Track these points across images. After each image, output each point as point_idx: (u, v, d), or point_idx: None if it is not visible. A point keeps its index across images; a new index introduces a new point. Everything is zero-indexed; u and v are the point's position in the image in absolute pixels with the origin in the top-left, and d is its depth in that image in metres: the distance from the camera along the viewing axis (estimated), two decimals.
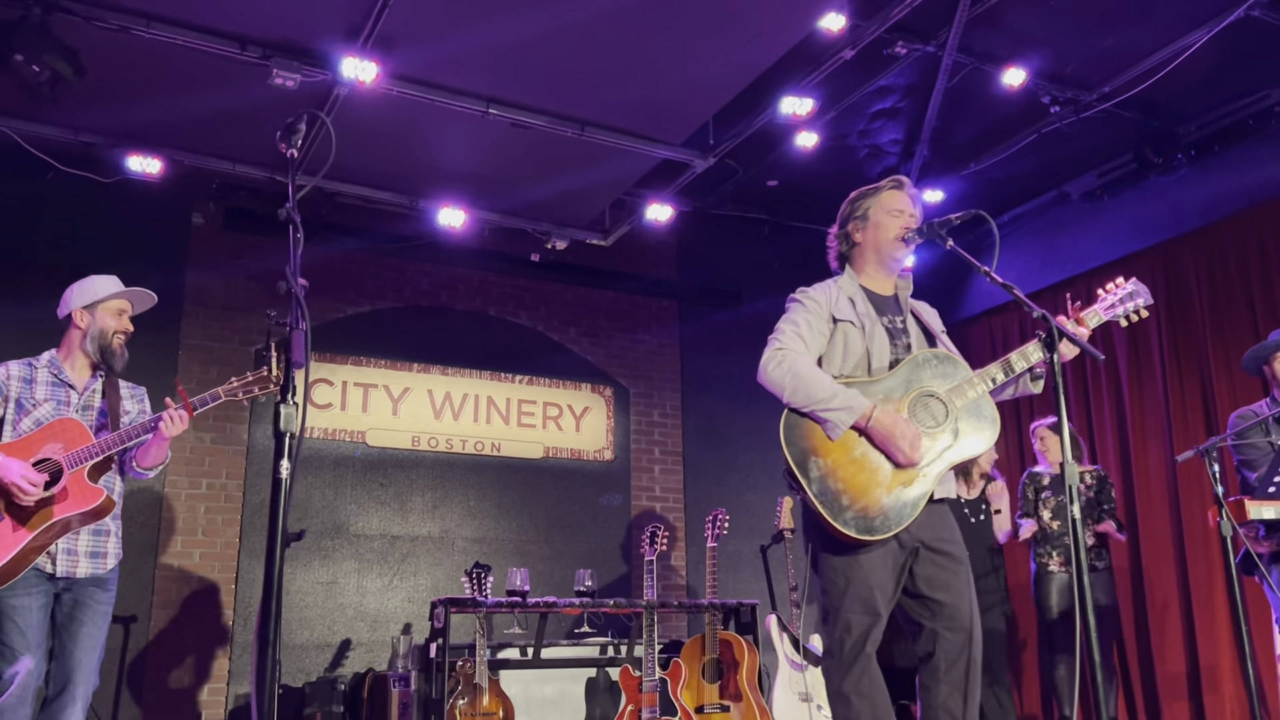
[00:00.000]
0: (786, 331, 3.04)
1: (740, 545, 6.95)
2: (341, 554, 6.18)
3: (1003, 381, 3.01)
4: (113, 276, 3.61)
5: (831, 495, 2.84)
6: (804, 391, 2.90)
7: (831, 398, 2.88)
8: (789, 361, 2.95)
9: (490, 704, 4.59)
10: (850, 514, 2.83)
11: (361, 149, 5.60)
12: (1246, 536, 3.74)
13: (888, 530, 2.84)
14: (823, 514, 2.83)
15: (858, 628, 2.90)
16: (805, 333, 3.03)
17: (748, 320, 7.46)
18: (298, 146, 2.70)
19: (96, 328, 3.49)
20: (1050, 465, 5.62)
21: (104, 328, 3.50)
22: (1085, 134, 6.09)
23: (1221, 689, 5.93)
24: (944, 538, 2.99)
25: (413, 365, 6.65)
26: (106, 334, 3.49)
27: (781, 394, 2.94)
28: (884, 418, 2.86)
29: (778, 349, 3.00)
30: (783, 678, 4.87)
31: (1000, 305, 7.62)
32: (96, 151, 5.59)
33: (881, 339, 3.06)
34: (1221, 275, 6.25)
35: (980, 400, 2.97)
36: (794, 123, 5.65)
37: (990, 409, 2.99)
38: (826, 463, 2.88)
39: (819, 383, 2.91)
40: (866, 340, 3.04)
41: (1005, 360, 3.00)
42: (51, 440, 3.25)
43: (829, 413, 2.88)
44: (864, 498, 2.85)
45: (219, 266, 6.22)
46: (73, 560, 3.31)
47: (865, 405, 2.87)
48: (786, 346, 3.00)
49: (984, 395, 2.98)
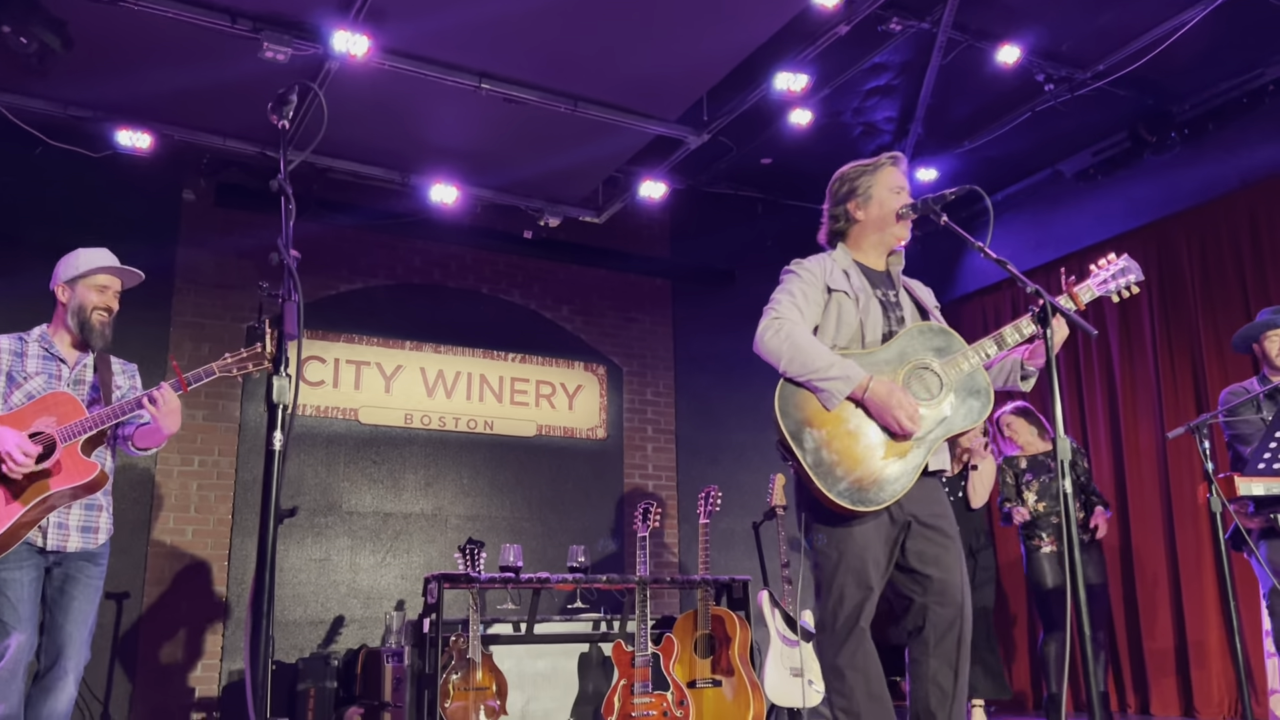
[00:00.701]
0: (783, 301, 3.01)
1: (733, 523, 6.98)
2: (335, 531, 6.19)
3: (996, 355, 2.99)
4: (102, 250, 3.55)
5: (826, 466, 2.84)
6: (801, 360, 2.89)
7: (829, 367, 2.86)
8: (786, 330, 2.93)
9: (483, 679, 4.61)
10: (844, 485, 2.83)
11: (353, 124, 5.56)
12: (1236, 513, 3.76)
13: (880, 502, 2.84)
14: (816, 484, 2.82)
15: (851, 601, 2.89)
16: (801, 303, 3.01)
17: (741, 299, 7.42)
18: (289, 118, 2.68)
19: (76, 302, 3.45)
20: (1021, 449, 5.60)
21: (83, 303, 3.45)
22: (1079, 112, 6.08)
23: (1209, 665, 5.98)
24: (936, 512, 2.99)
25: (405, 343, 6.64)
26: (85, 310, 3.44)
27: (778, 363, 2.92)
28: (880, 388, 2.85)
29: (774, 318, 2.97)
30: (774, 653, 4.90)
31: (993, 284, 7.63)
32: (86, 126, 5.54)
33: (876, 311, 3.06)
34: (1214, 254, 6.26)
35: (974, 374, 2.97)
36: (788, 99, 5.63)
37: (985, 383, 2.98)
38: (821, 433, 2.87)
39: (816, 352, 2.90)
40: (861, 312, 3.04)
41: (999, 333, 2.98)
42: (44, 414, 3.24)
43: (826, 382, 2.86)
44: (858, 469, 2.85)
45: (210, 243, 6.19)
46: (64, 534, 3.31)
47: (862, 375, 2.86)
48: (783, 315, 2.97)
49: (978, 369, 2.97)
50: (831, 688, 2.94)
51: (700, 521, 5.19)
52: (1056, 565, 5.37)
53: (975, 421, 2.96)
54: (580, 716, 5.02)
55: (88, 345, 3.47)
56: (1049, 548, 5.36)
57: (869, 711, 2.88)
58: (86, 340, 3.45)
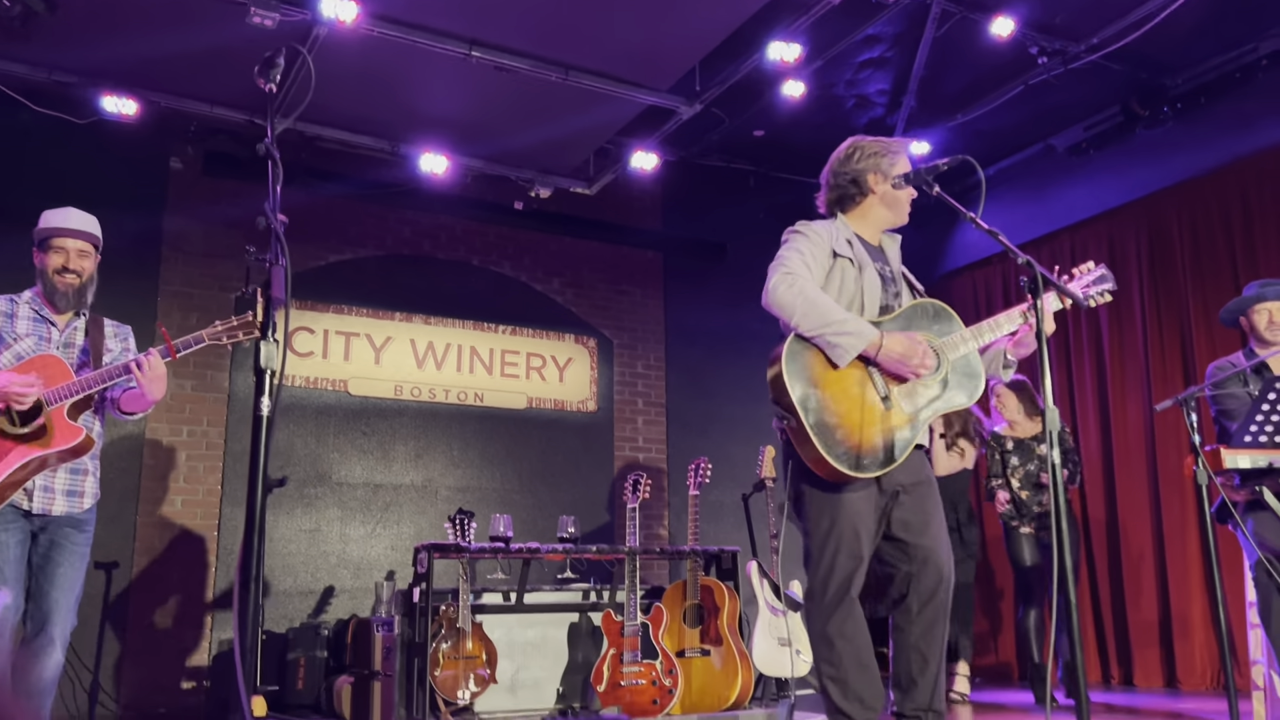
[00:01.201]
0: (793, 258, 2.98)
1: (722, 495, 7.00)
2: (324, 502, 6.19)
3: (990, 340, 3.05)
4: (65, 210, 3.48)
5: (828, 429, 2.83)
6: (816, 314, 2.86)
7: (843, 321, 2.86)
8: (800, 285, 2.90)
9: (473, 647, 4.62)
10: (843, 449, 2.83)
11: (342, 92, 5.51)
12: (1222, 485, 3.78)
13: (877, 469, 2.86)
14: (817, 446, 2.81)
15: (842, 570, 2.91)
16: (810, 262, 2.99)
17: (732, 272, 7.45)
18: (276, 82, 2.66)
19: (40, 265, 3.43)
20: (1006, 424, 5.64)
21: (44, 265, 3.42)
22: (1073, 86, 6.06)
23: (1192, 637, 6.04)
24: (920, 481, 3.02)
25: (395, 314, 6.61)
26: (48, 272, 3.41)
27: (791, 316, 2.89)
28: (895, 341, 2.86)
29: (786, 273, 2.94)
30: (763, 623, 4.93)
31: (983, 259, 7.63)
32: (71, 91, 5.48)
33: (875, 282, 3.07)
34: (1204, 229, 6.27)
35: (970, 356, 3.03)
36: (781, 69, 5.60)
37: (978, 365, 3.05)
38: (826, 396, 2.87)
39: (831, 306, 2.89)
40: (863, 280, 3.05)
41: (994, 319, 3.05)
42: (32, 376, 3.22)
43: (840, 337, 2.85)
44: (858, 434, 2.86)
45: (198, 212, 6.14)
46: (49, 497, 3.30)
47: (875, 333, 2.87)
48: (795, 271, 2.94)
49: (974, 351, 3.03)
50: (820, 656, 2.96)
51: (690, 493, 5.20)
52: (1034, 544, 5.49)
53: (968, 401, 3.02)
54: (569, 685, 5.04)
55: (56, 308, 3.43)
56: (1027, 529, 5.45)
57: (858, 680, 2.91)
58: (54, 304, 3.42)
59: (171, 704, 5.56)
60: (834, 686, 2.92)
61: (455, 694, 4.55)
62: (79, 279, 3.44)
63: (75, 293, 3.44)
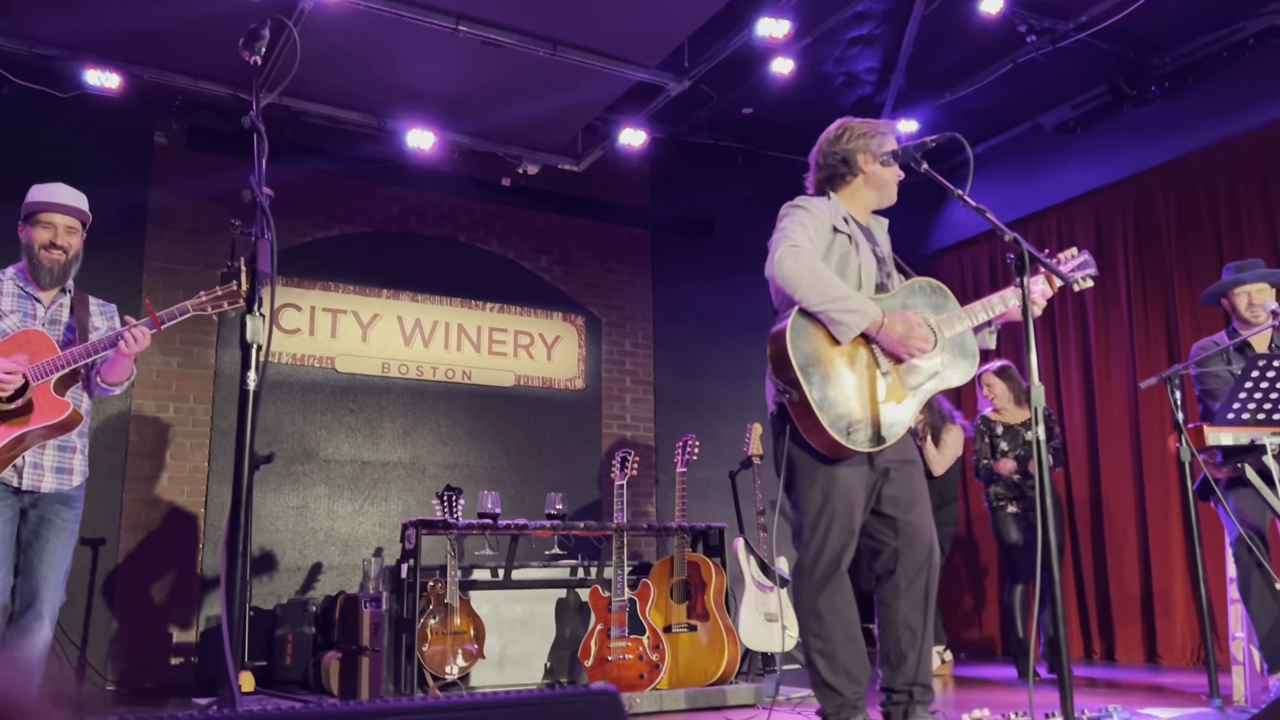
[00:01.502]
0: (796, 231, 2.96)
1: (709, 473, 7.03)
2: (312, 479, 6.18)
3: (985, 320, 3.09)
4: (54, 185, 3.45)
5: (830, 402, 2.86)
6: (821, 289, 2.86)
7: (848, 298, 2.87)
8: (806, 259, 2.89)
9: (461, 623, 4.64)
10: (843, 424, 2.86)
11: (328, 66, 5.46)
12: (1205, 462, 3.82)
13: (877, 444, 2.89)
14: (819, 417, 2.82)
15: (833, 545, 2.93)
16: (813, 235, 2.99)
17: (721, 250, 7.45)
18: (261, 54, 2.64)
19: (26, 240, 3.40)
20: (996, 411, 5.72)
21: (30, 240, 3.39)
22: (1061, 65, 6.06)
23: (1173, 613, 6.12)
24: (908, 459, 3.05)
25: (382, 291, 6.59)
26: (34, 247, 3.38)
27: (796, 290, 2.87)
28: (896, 321, 2.90)
29: (791, 245, 2.91)
30: (749, 598, 4.96)
31: (971, 238, 7.65)
32: (53, 65, 5.42)
33: (870, 260, 3.10)
34: (1190, 208, 6.30)
35: (965, 335, 3.07)
36: (770, 46, 5.58)
37: (973, 345, 3.10)
38: (828, 370, 2.89)
39: (835, 281, 2.90)
40: (860, 257, 3.06)
41: (988, 300, 3.09)
42: (17, 352, 3.20)
43: (845, 313, 2.86)
44: (858, 408, 2.89)
45: (183, 187, 6.10)
46: (39, 474, 3.29)
47: (878, 312, 2.90)
48: (800, 244, 2.92)
49: (969, 330, 3.07)
50: (808, 630, 2.98)
51: (678, 470, 5.22)
52: (1019, 523, 5.60)
53: (964, 380, 3.07)
54: (557, 660, 5.07)
55: (40, 284, 3.41)
56: (1013, 508, 5.55)
57: (845, 654, 2.93)
58: (39, 280, 3.40)
59: (159, 679, 5.57)
60: (821, 660, 2.95)
61: (443, 669, 4.58)
62: (65, 255, 3.42)
63: (60, 269, 3.41)
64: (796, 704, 4.40)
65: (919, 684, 2.98)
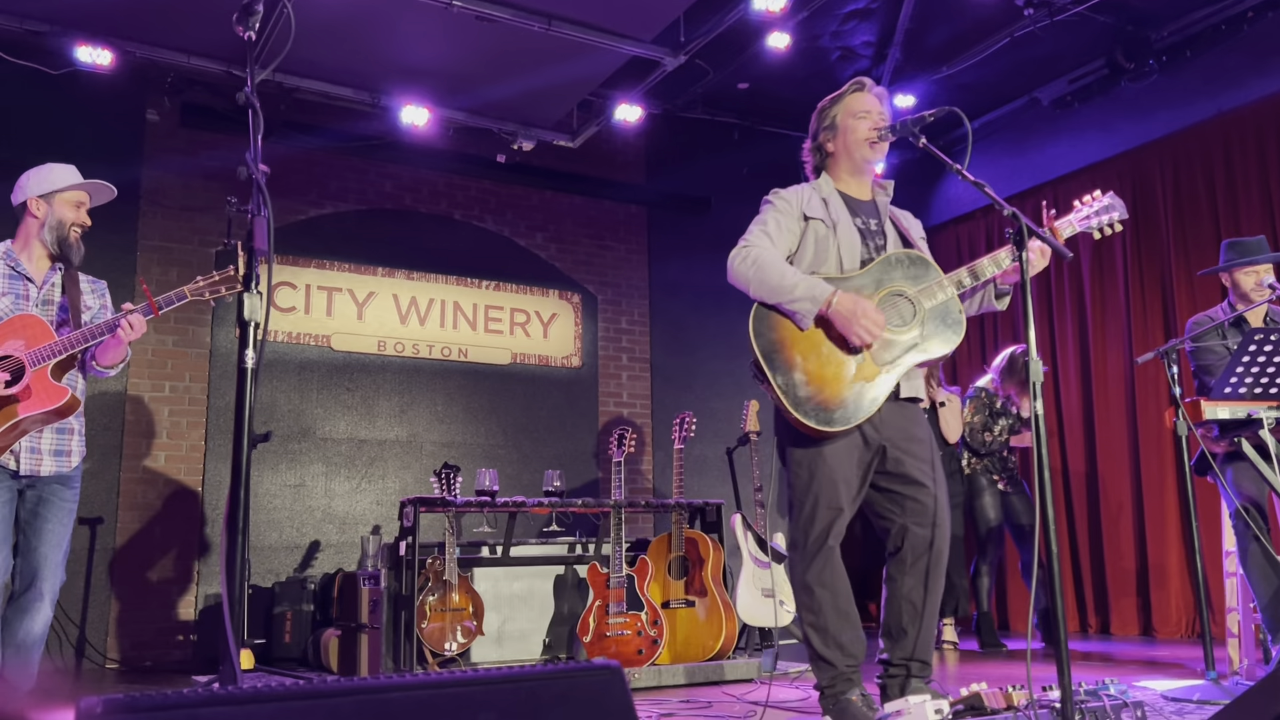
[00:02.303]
0: (754, 231, 3.08)
1: (706, 449, 7.04)
2: (309, 457, 6.18)
3: (971, 285, 3.01)
4: (71, 166, 3.50)
5: (794, 387, 2.89)
6: (768, 284, 2.94)
7: (794, 287, 2.91)
8: (753, 256, 2.99)
9: (460, 600, 4.66)
10: (811, 405, 2.88)
11: (321, 42, 5.42)
12: (1202, 437, 3.83)
13: (847, 423, 2.89)
14: (785, 405, 2.87)
15: (820, 521, 2.97)
16: (773, 230, 3.06)
17: (717, 227, 7.38)
18: (255, 29, 2.61)
19: (54, 218, 3.40)
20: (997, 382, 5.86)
21: (61, 218, 3.40)
22: (1058, 38, 6.03)
23: (1168, 586, 6.15)
24: (913, 435, 3.03)
25: (377, 269, 6.57)
26: (64, 225, 3.40)
27: (747, 288, 2.98)
28: (844, 301, 2.87)
29: (744, 246, 3.04)
30: (746, 574, 4.98)
31: (967, 213, 7.63)
32: (44, 41, 5.37)
33: (852, 238, 3.07)
34: (1187, 182, 6.28)
35: (949, 303, 2.99)
36: (767, 20, 5.54)
37: (958, 313, 3.01)
38: (793, 355, 2.92)
39: (782, 273, 2.94)
40: (837, 239, 3.05)
41: (975, 264, 3.01)
42: (12, 337, 3.19)
43: (793, 303, 2.91)
44: (825, 390, 2.89)
45: (176, 165, 6.06)
46: (36, 458, 3.28)
47: (827, 291, 2.89)
48: (752, 243, 3.03)
49: (953, 298, 3.00)
50: (801, 603, 3.03)
51: (675, 447, 5.23)
52: (998, 503, 5.76)
53: (947, 350, 3.00)
54: (556, 636, 5.10)
55: (65, 261, 3.42)
56: (1001, 485, 5.66)
57: (836, 626, 2.97)
58: (65, 256, 3.41)
59: (159, 658, 5.59)
60: (815, 634, 2.98)
61: (442, 646, 4.59)
62: (81, 233, 3.47)
63: (81, 249, 3.46)
64: (794, 678, 4.42)
65: (917, 659, 2.99)
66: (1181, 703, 3.41)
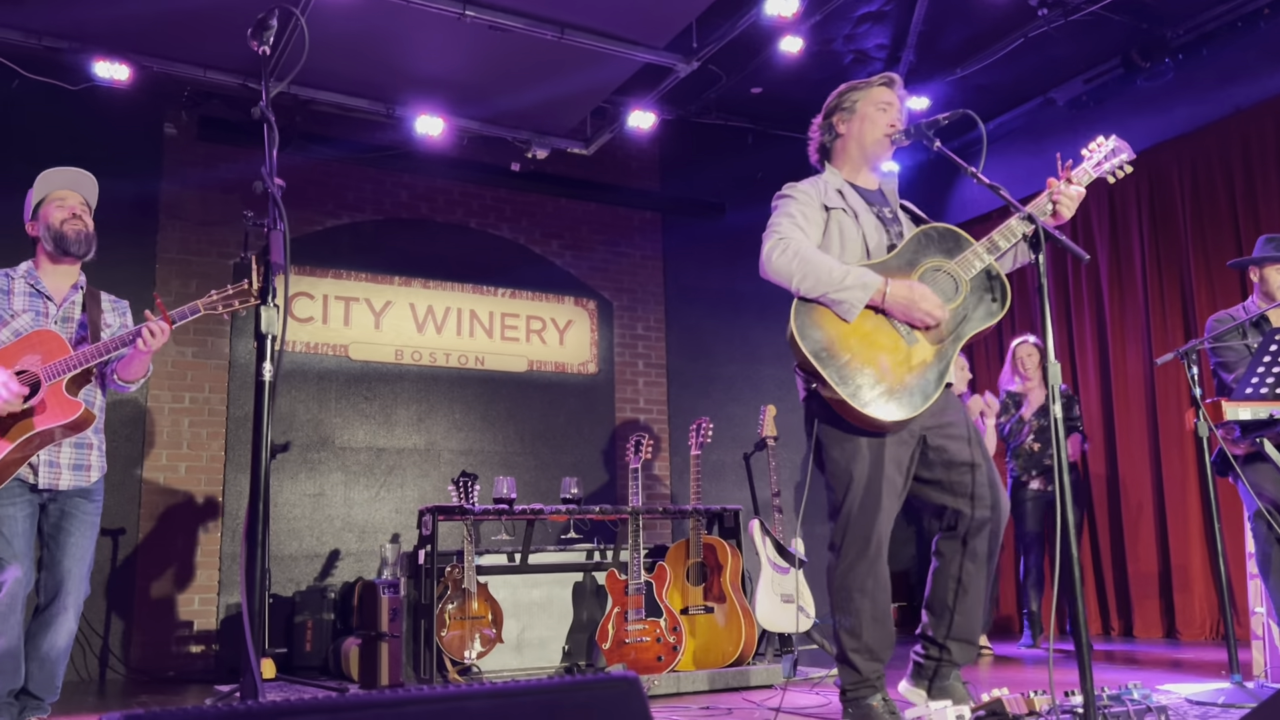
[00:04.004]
0: (783, 223, 2.97)
1: (723, 455, 7.03)
2: (328, 466, 6.21)
3: (1005, 248, 2.94)
4: (59, 169, 3.48)
5: (854, 381, 2.80)
6: (815, 275, 2.84)
7: (844, 276, 2.83)
8: (794, 247, 2.89)
9: (479, 608, 4.67)
10: (875, 394, 2.79)
11: (336, 54, 5.45)
12: (1223, 438, 3.80)
13: (914, 409, 2.80)
14: (847, 401, 2.77)
15: (864, 524, 2.89)
16: (802, 222, 2.98)
17: (731, 231, 7.42)
18: (270, 44, 2.64)
19: (43, 225, 3.42)
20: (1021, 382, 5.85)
21: (49, 221, 3.41)
22: (1073, 38, 6.00)
23: (1192, 588, 6.10)
24: (951, 419, 2.97)
25: (394, 278, 6.60)
26: (54, 225, 3.39)
27: (789, 282, 2.87)
28: (899, 288, 2.83)
29: (779, 238, 2.93)
30: (765, 580, 4.97)
31: (983, 214, 7.59)
32: (63, 57, 5.42)
33: (875, 226, 3.04)
34: (1205, 181, 6.24)
35: (989, 269, 2.94)
36: (779, 25, 5.54)
37: (999, 275, 2.96)
38: (845, 348, 2.83)
39: (829, 264, 2.86)
40: (861, 226, 3.02)
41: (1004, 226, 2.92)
42: (29, 352, 3.22)
43: (843, 292, 2.82)
44: (888, 378, 2.82)
45: (194, 178, 6.11)
46: (55, 472, 3.31)
47: (879, 281, 2.83)
48: (787, 235, 2.93)
49: (990, 264, 2.93)
50: (838, 605, 2.95)
51: (692, 453, 5.22)
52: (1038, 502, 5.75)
53: (995, 317, 2.93)
54: (575, 644, 5.10)
55: (71, 255, 3.40)
56: (1035, 484, 5.66)
57: (872, 635, 2.91)
58: (68, 250, 3.39)
59: (180, 667, 5.63)
60: (847, 637, 2.93)
61: (462, 654, 4.60)
62: (85, 226, 3.44)
63: (86, 237, 3.43)
64: (814, 684, 4.41)
65: (958, 639, 2.94)
66: (1206, 706, 3.37)
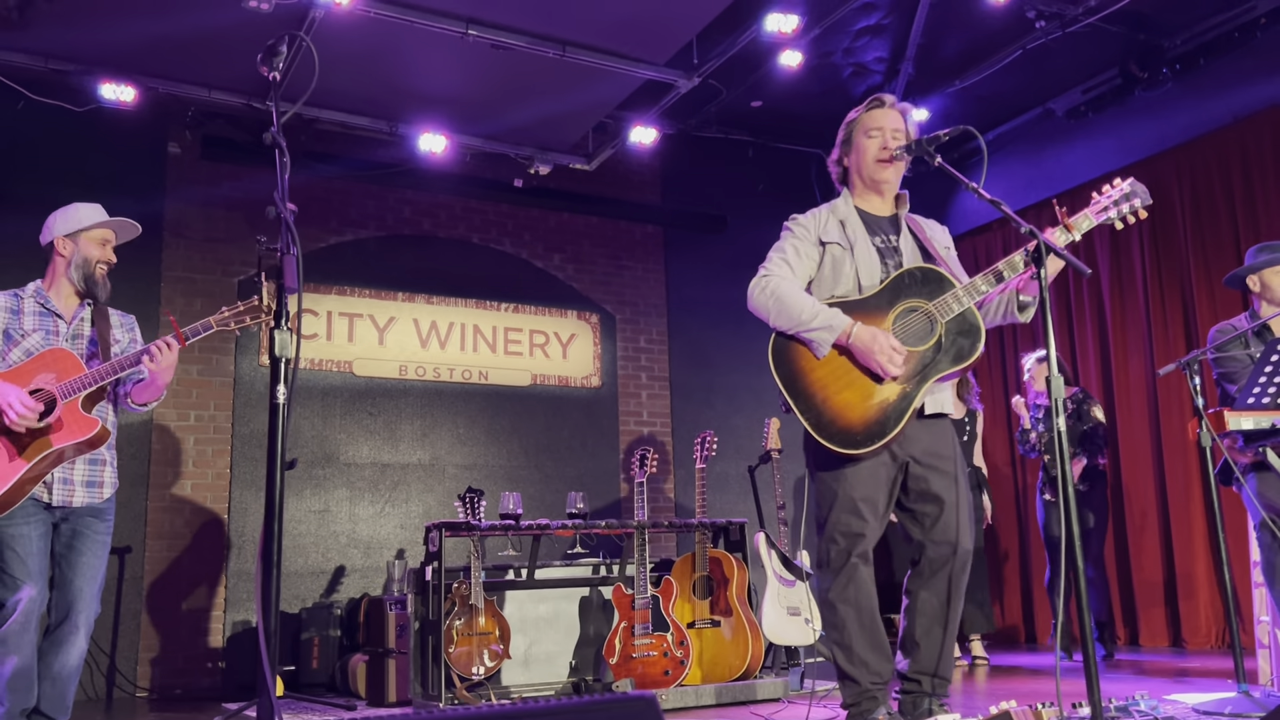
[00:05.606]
0: (773, 259, 3.14)
1: (728, 467, 7.05)
2: (333, 482, 6.23)
3: (988, 291, 2.95)
4: (96, 205, 3.57)
5: (817, 412, 2.95)
6: (786, 314, 3.00)
7: (813, 318, 2.96)
8: (771, 286, 3.05)
9: (486, 624, 4.68)
10: (835, 429, 2.92)
11: (339, 73, 5.49)
12: (1226, 447, 3.81)
13: (871, 444, 2.91)
14: (810, 431, 2.94)
15: (844, 539, 3.01)
16: (791, 258, 3.12)
17: (733, 244, 7.45)
18: (279, 69, 2.67)
19: (80, 256, 3.46)
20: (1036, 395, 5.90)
21: (87, 256, 3.46)
22: (1071, 49, 6.04)
23: (1197, 596, 6.11)
24: (936, 452, 3.04)
25: (398, 294, 6.63)
26: (90, 263, 3.46)
27: (767, 318, 3.05)
28: (863, 333, 2.91)
29: (763, 276, 3.10)
30: (771, 592, 4.98)
31: (983, 225, 7.63)
32: (69, 79, 5.47)
33: (870, 259, 3.09)
34: (1205, 191, 6.27)
35: (965, 314, 2.97)
36: (778, 40, 5.58)
37: (975, 322, 2.97)
38: (813, 381, 2.97)
39: (800, 304, 2.99)
40: (854, 260, 3.08)
41: (993, 269, 2.96)
42: (44, 370, 3.24)
43: (811, 333, 2.97)
44: (848, 413, 2.93)
45: (198, 196, 6.14)
46: (69, 490, 3.33)
47: (845, 323, 2.93)
48: (771, 273, 3.10)
49: (969, 309, 2.96)
50: (826, 620, 3.08)
51: (696, 466, 5.24)
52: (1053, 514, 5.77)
53: (965, 362, 2.95)
54: (582, 658, 5.11)
55: (93, 298, 3.48)
56: (1049, 495, 5.70)
57: (861, 644, 2.99)
58: (91, 293, 3.47)
59: (188, 685, 5.63)
60: (840, 651, 3.03)
61: (469, 670, 4.61)
62: (108, 269, 3.53)
63: (106, 286, 3.52)
64: (821, 697, 4.42)
65: (932, 674, 3.01)
66: (1213, 716, 3.39)
